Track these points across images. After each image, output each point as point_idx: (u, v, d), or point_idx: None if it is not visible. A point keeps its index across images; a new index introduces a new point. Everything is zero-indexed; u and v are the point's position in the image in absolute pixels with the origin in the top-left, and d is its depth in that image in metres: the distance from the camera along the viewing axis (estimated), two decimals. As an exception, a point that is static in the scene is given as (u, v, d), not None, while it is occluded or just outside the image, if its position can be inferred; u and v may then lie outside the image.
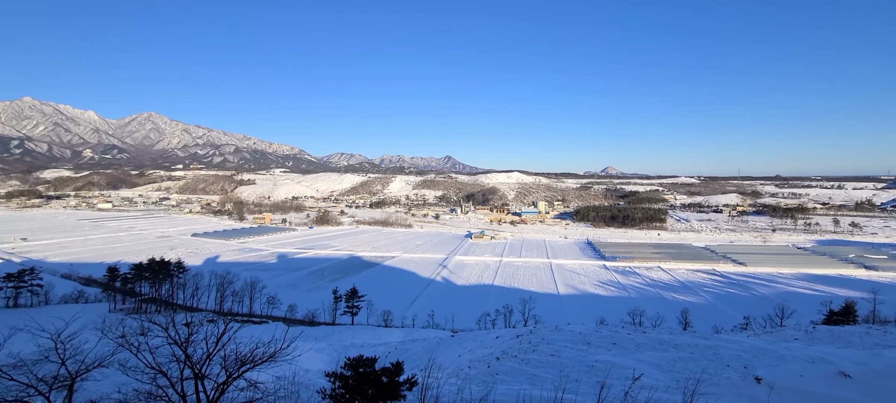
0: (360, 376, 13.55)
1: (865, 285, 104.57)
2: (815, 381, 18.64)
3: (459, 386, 16.63)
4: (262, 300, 78.30)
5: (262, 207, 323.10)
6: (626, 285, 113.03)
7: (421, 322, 74.09)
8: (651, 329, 39.95)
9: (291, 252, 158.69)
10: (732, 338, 31.37)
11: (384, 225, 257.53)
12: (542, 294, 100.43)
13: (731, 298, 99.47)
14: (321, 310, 74.46)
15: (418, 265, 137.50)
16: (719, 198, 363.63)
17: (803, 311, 72.93)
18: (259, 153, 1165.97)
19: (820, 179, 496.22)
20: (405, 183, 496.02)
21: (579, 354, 24.49)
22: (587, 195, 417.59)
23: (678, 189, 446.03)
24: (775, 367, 21.24)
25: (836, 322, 50.41)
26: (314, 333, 57.96)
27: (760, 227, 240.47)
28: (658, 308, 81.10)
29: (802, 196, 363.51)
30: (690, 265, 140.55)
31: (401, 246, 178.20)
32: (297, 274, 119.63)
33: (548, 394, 14.59)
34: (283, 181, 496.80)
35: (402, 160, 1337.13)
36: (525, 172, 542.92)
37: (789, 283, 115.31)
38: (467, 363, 26.11)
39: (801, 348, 27.05)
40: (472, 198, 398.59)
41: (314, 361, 33.67)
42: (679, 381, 18.57)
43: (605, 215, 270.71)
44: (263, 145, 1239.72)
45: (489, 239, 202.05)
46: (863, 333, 34.78)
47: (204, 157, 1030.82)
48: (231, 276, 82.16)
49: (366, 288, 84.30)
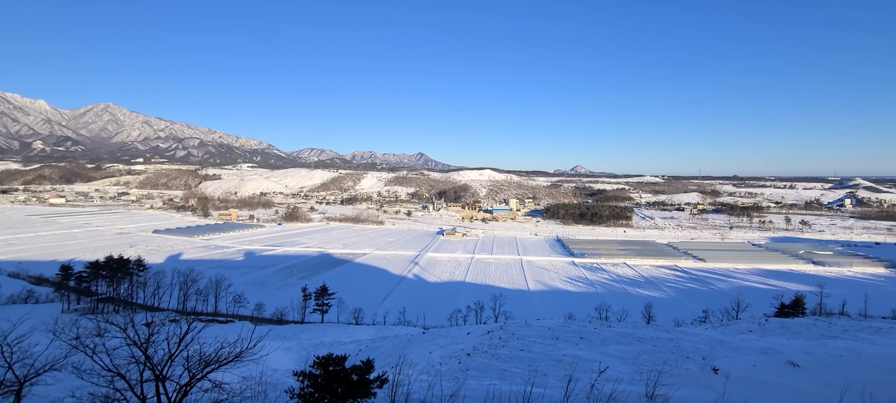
0: (330, 374, 13.41)
1: (813, 279, 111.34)
2: (766, 371, 19.72)
3: (430, 383, 16.70)
4: (228, 298, 76.06)
5: (229, 203, 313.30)
6: (594, 281, 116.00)
7: (392, 319, 73.79)
8: (617, 323, 41.19)
9: (259, 249, 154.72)
10: (692, 331, 32.73)
11: (355, 221, 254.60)
12: (512, 290, 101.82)
13: (691, 293, 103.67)
14: (290, 308, 73.01)
15: (390, 262, 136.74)
16: (682, 197, 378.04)
17: (757, 304, 76.75)
18: (225, 147, 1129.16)
19: (773, 180, 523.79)
20: (377, 179, 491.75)
21: (548, 349, 25.01)
22: (557, 193, 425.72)
23: (643, 188, 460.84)
24: (731, 358, 22.31)
25: (786, 314, 53.34)
26: (282, 332, 56.80)
27: (719, 225, 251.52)
28: (623, 302, 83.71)
29: (758, 195, 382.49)
30: (654, 261, 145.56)
31: (372, 243, 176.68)
32: (264, 272, 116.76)
33: (517, 389, 14.84)
34: (251, 176, 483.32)
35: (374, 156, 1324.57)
36: (497, 170, 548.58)
37: (745, 278, 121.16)
38: (438, 359, 26.24)
39: (755, 339, 28.51)
40: (444, 196, 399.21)
41: (282, 360, 33.05)
42: (642, 373, 19.24)
43: (575, 213, 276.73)
44: (230, 139, 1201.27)
45: (461, 237, 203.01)
46: (810, 325, 36.97)
47: (166, 151, 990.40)
48: (195, 274, 79.41)
49: (336, 285, 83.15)
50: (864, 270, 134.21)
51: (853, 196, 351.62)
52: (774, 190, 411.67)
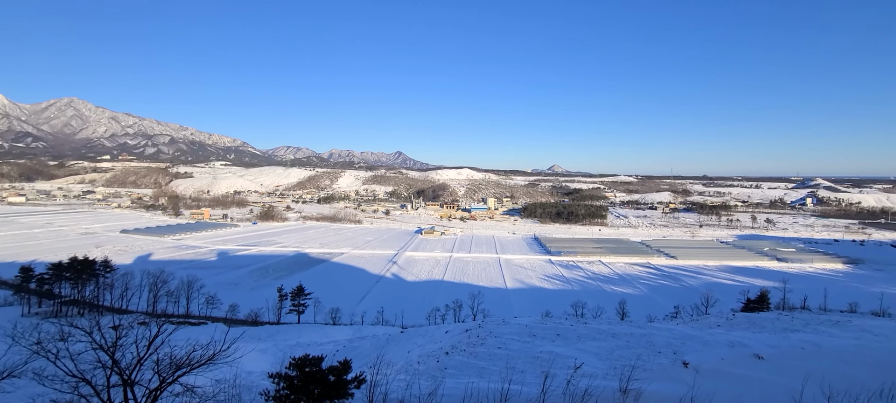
0: (306, 375, 13.24)
1: (777, 275, 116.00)
2: (734, 364, 20.47)
3: (408, 382, 16.68)
4: (201, 300, 74.00)
5: (201, 202, 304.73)
6: (570, 278, 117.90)
7: (370, 319, 73.26)
8: (592, 320, 42.01)
9: (233, 249, 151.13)
10: (664, 327, 33.68)
11: (333, 220, 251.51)
12: (490, 288, 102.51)
13: (663, 289, 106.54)
14: (265, 309, 71.59)
15: (368, 261, 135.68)
16: (654, 196, 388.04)
17: (725, 300, 79.47)
18: (197, 144, 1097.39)
19: (741, 180, 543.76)
20: (355, 178, 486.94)
21: (525, 346, 25.31)
22: (535, 192, 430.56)
23: (618, 187, 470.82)
24: (701, 352, 23.05)
25: (752, 309, 55.42)
26: (257, 333, 55.67)
27: (690, 223, 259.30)
28: (599, 299, 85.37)
29: (726, 194, 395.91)
30: (628, 259, 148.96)
31: (350, 242, 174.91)
32: (239, 272, 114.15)
33: (495, 386, 14.97)
34: (225, 174, 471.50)
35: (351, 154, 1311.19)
36: (475, 169, 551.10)
37: (714, 275, 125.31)
38: (416, 358, 26.22)
39: (723, 334, 29.54)
40: (422, 194, 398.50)
41: (257, 362, 32.44)
42: (616, 368, 19.68)
43: (552, 211, 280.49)
44: (202, 136, 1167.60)
45: (439, 235, 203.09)
46: (774, 319, 38.54)
47: (135, 148, 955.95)
48: (165, 275, 76.93)
49: (313, 285, 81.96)
50: (823, 266, 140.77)
51: (814, 195, 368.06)
52: (741, 189, 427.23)
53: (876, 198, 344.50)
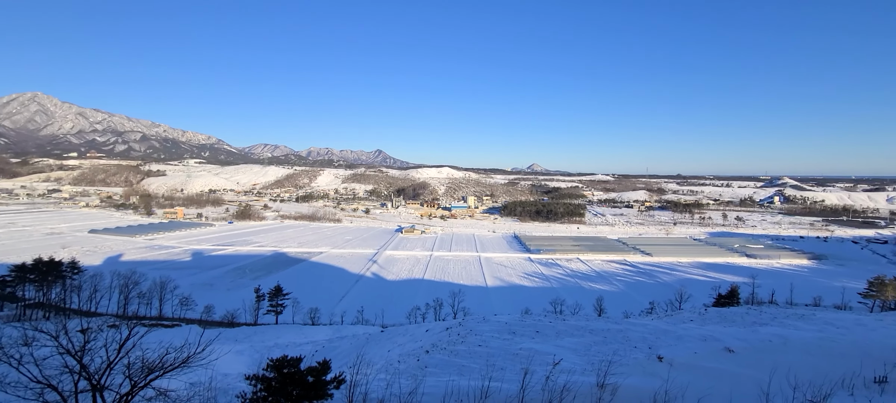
0: (284, 377, 13.04)
1: (747, 271, 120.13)
2: (706, 357, 21.10)
3: (389, 381, 16.62)
4: (175, 301, 72.11)
5: (174, 201, 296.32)
6: (549, 276, 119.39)
7: (350, 318, 72.66)
8: (570, 316, 42.69)
9: (208, 249, 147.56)
10: (639, 322, 34.45)
11: (311, 219, 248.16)
12: (471, 286, 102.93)
13: (639, 286, 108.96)
14: (242, 310, 70.20)
15: (347, 260, 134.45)
16: (631, 195, 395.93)
17: (698, 295, 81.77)
18: (170, 142, 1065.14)
19: (712, 179, 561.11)
20: (334, 176, 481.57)
21: (505, 343, 25.52)
22: (514, 190, 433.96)
23: (596, 185, 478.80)
24: (674, 346, 23.68)
25: (723, 304, 57.23)
26: (234, 334, 54.55)
27: (664, 221, 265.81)
28: (577, 296, 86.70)
29: (698, 193, 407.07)
30: (605, 256, 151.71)
31: (329, 241, 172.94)
32: (214, 273, 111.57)
33: (475, 383, 15.06)
34: (199, 172, 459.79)
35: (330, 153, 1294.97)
36: (455, 167, 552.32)
37: (687, 271, 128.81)
38: (397, 357, 26.14)
39: (696, 328, 30.40)
40: (402, 193, 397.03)
41: (234, 364, 31.80)
42: (593, 363, 20.04)
43: (531, 210, 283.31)
44: (176, 133, 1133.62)
45: (420, 234, 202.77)
46: (744, 313, 39.89)
47: (104, 145, 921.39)
48: (137, 276, 74.62)
49: (291, 285, 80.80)
50: (790, 262, 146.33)
51: (781, 194, 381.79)
52: (713, 188, 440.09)
53: (838, 197, 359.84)
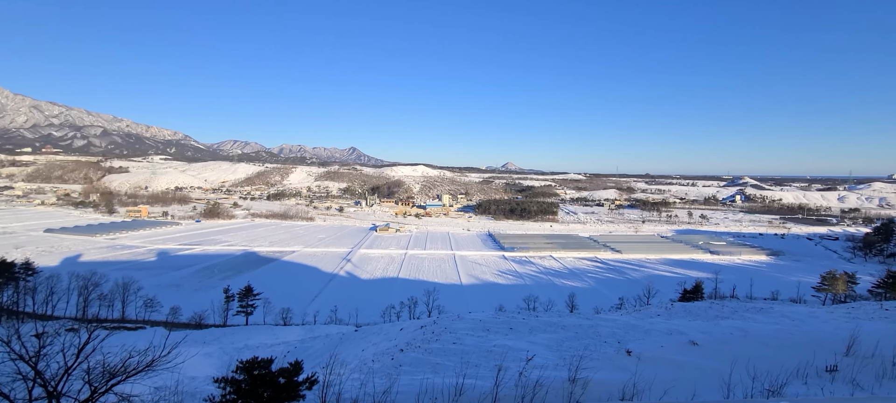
0: (255, 378, 12.76)
1: (710, 267, 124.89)
2: (671, 350, 21.85)
3: (363, 381, 16.51)
4: (138, 303, 69.42)
5: (138, 199, 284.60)
6: (523, 273, 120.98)
7: (323, 318, 71.70)
8: (543, 313, 43.39)
9: (174, 248, 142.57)
10: (609, 317, 35.36)
11: (283, 218, 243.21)
12: (445, 284, 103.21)
13: (609, 282, 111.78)
14: (210, 311, 68.22)
15: (321, 259, 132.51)
16: (602, 194, 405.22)
17: (665, 291, 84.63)
18: (133, 137, 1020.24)
19: (679, 178, 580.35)
20: (307, 174, 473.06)
21: (479, 340, 25.72)
22: (489, 189, 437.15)
23: (568, 184, 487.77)
24: (642, 340, 24.43)
25: (688, 299, 59.34)
26: (202, 336, 52.99)
27: (633, 219, 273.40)
28: (550, 293, 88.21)
29: (666, 192, 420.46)
30: (577, 253, 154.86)
31: (302, 240, 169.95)
32: (181, 273, 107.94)
33: (450, 381, 15.13)
34: (165, 169, 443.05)
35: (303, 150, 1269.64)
36: (430, 166, 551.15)
37: (655, 267, 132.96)
38: (371, 356, 25.97)
39: (662, 322, 31.44)
40: (377, 191, 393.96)
41: (202, 367, 30.87)
42: (565, 359, 20.45)
43: (505, 208, 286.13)
44: (140, 128, 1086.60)
45: (394, 232, 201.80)
46: (707, 307, 41.48)
47: (61, 140, 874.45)
48: (98, 277, 71.40)
49: (262, 285, 79.09)
50: (750, 258, 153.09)
51: (743, 193, 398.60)
52: (679, 187, 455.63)
53: (794, 196, 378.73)
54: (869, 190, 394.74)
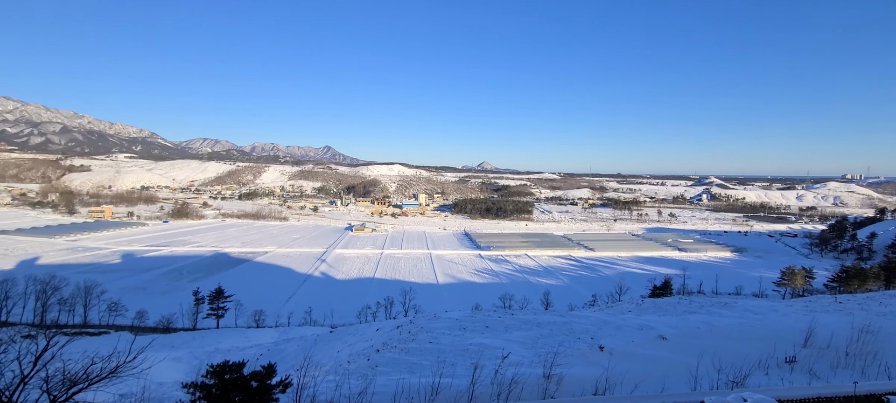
0: (226, 383, 12.46)
1: (679, 264, 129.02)
2: (642, 345, 22.50)
3: (338, 383, 16.36)
4: (102, 307, 66.59)
5: (101, 198, 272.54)
6: (499, 272, 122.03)
7: (297, 320, 70.52)
8: (519, 311, 43.90)
9: (141, 250, 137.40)
10: (583, 314, 36.11)
11: (256, 218, 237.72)
12: (422, 284, 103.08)
13: (582, 279, 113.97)
14: (179, 315, 66.11)
15: (294, 260, 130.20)
16: (575, 193, 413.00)
17: (636, 287, 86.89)
18: (96, 134, 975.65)
19: (649, 178, 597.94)
20: (280, 173, 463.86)
21: (456, 339, 25.85)
22: (465, 188, 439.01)
23: (543, 184, 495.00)
24: (614, 336, 25.03)
25: (658, 295, 61.18)
26: (170, 341, 51.32)
27: (606, 218, 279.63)
28: (525, 291, 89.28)
29: (636, 191, 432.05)
30: (552, 252, 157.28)
31: (275, 240, 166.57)
32: (147, 275, 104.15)
33: (426, 380, 15.18)
34: (130, 168, 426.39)
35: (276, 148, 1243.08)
36: (406, 165, 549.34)
37: (626, 265, 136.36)
38: (347, 357, 25.73)
39: (633, 318, 32.29)
40: (352, 190, 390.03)
41: (170, 372, 29.91)
42: (540, 355, 20.79)
43: (481, 207, 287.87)
44: (103, 125, 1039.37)
45: (370, 232, 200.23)
46: (676, 303, 42.85)
47: (16, 137, 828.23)
48: (57, 281, 68.11)
49: (234, 287, 77.18)
50: (716, 254, 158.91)
51: (709, 192, 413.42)
52: (650, 186, 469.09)
53: (756, 195, 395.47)
54: (824, 189, 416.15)
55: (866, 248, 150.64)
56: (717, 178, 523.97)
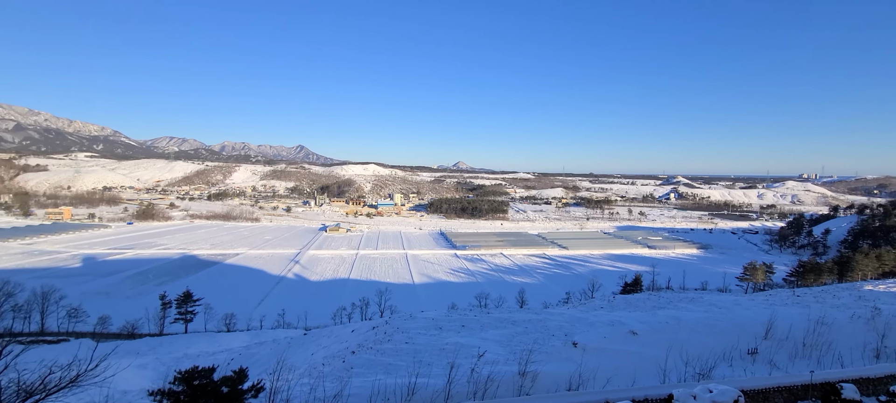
0: (195, 389, 12.10)
1: (648, 261, 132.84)
2: (614, 340, 23.07)
3: (312, 386, 16.14)
4: (61, 313, 63.44)
5: (60, 200, 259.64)
6: (475, 271, 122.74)
7: (270, 323, 69.07)
8: (494, 309, 44.32)
9: (103, 253, 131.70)
10: (557, 311, 36.73)
11: (226, 219, 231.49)
12: (398, 284, 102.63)
13: (556, 277, 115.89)
14: (145, 320, 63.65)
15: (267, 261, 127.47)
16: (549, 192, 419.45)
17: (608, 284, 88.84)
18: (53, 132, 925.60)
19: (620, 177, 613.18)
20: (251, 173, 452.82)
21: (432, 339, 25.86)
22: (440, 188, 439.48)
23: (518, 183, 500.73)
24: (587, 332, 25.56)
25: (629, 291, 62.85)
26: (135, 347, 49.35)
27: (579, 216, 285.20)
28: (501, 290, 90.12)
29: (608, 190, 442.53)
30: (526, 250, 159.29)
31: (246, 241, 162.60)
32: (111, 280, 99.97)
33: (402, 381, 15.14)
34: (91, 167, 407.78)
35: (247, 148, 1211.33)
36: (381, 165, 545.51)
37: (599, 262, 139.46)
38: (321, 360, 25.39)
39: (605, 314, 33.05)
40: (327, 190, 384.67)
41: (135, 379, 28.87)
42: (516, 353, 21.03)
43: (457, 207, 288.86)
44: (61, 123, 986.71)
45: (345, 232, 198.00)
46: (645, 299, 44.08)
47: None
48: (11, 286, 64.26)
49: (203, 290, 74.96)
50: (683, 251, 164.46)
51: (676, 191, 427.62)
52: (620, 185, 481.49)
53: (720, 194, 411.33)
54: (783, 188, 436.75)
55: (821, 244, 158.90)
56: (684, 178, 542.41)
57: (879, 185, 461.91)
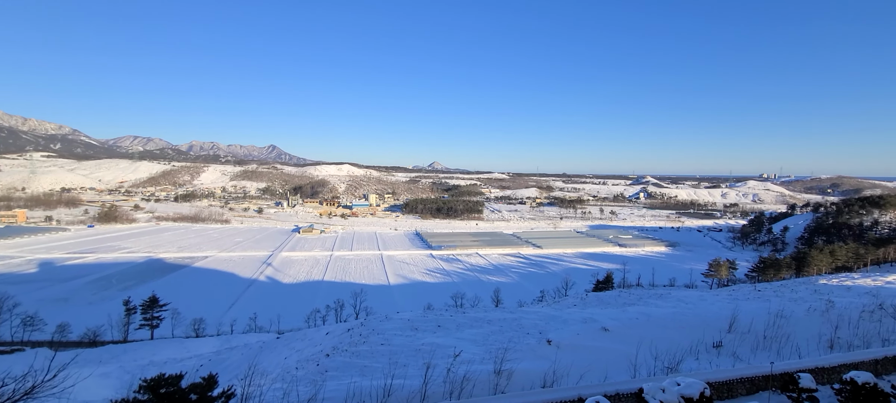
0: (162, 397, 11.73)
1: (619, 258, 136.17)
2: (586, 337, 23.57)
3: (286, 390, 15.86)
4: (15, 321, 59.95)
5: (13, 202, 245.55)
6: (450, 271, 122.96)
7: (241, 327, 67.31)
8: (470, 309, 44.52)
9: (61, 258, 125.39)
10: (531, 310, 37.23)
11: (194, 221, 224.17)
12: (373, 285, 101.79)
13: (531, 276, 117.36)
14: (108, 327, 60.98)
15: (238, 264, 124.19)
16: (524, 192, 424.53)
17: (581, 282, 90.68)
18: (6, 131, 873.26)
19: (592, 177, 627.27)
20: (221, 173, 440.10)
21: (408, 340, 25.80)
22: (416, 188, 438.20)
23: (493, 183, 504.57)
24: (560, 329, 26.01)
25: (601, 288, 64.25)
26: (97, 355, 47.27)
27: (552, 216, 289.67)
28: (476, 289, 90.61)
29: (581, 190, 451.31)
30: (502, 250, 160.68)
31: (216, 244, 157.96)
32: (70, 285, 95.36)
33: (378, 383, 15.06)
34: (48, 167, 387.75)
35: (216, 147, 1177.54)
36: (356, 165, 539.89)
37: (572, 261, 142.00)
38: (295, 364, 24.97)
39: (578, 312, 33.71)
40: (300, 191, 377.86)
41: (97, 389, 27.67)
42: (491, 352, 21.23)
43: (432, 207, 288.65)
44: (14, 120, 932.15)
45: (319, 234, 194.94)
46: (617, 296, 45.20)
47: None
48: (-43, 295, 60.67)
49: (171, 294, 72.46)
50: (652, 249, 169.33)
51: (645, 190, 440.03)
52: (592, 185, 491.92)
53: (687, 193, 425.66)
54: (745, 187, 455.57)
55: (780, 240, 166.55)
56: (653, 178, 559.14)
57: (832, 184, 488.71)
